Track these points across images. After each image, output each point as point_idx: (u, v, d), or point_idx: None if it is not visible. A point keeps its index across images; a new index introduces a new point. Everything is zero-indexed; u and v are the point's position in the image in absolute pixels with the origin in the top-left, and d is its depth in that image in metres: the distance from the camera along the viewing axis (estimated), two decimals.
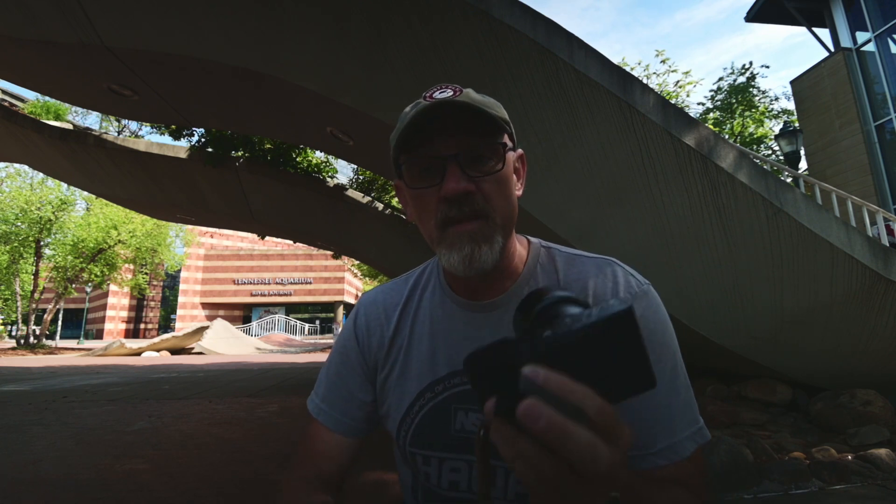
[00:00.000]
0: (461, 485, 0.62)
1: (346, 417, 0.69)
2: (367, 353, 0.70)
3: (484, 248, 0.55)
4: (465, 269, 0.56)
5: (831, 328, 3.61)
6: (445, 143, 0.55)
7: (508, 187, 0.58)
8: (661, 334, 0.59)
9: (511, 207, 0.59)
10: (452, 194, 0.54)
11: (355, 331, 0.72)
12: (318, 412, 0.70)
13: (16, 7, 4.00)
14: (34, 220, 18.97)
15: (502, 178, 0.57)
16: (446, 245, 0.56)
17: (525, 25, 3.18)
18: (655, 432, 0.55)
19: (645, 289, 0.62)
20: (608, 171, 3.53)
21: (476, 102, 0.55)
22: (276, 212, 9.12)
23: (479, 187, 0.56)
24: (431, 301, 0.69)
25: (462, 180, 0.54)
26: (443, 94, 0.56)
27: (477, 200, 0.55)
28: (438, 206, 0.56)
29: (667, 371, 0.58)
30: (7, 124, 7.12)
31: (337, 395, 0.70)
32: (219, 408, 5.43)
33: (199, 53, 4.16)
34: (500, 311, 0.63)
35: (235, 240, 47.61)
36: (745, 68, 13.79)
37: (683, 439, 0.56)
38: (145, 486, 2.81)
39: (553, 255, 0.67)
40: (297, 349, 20.77)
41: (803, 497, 2.57)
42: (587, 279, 0.63)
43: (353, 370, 0.71)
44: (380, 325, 0.70)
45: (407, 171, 0.58)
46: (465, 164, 0.55)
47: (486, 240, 0.56)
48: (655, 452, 0.55)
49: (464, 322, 0.65)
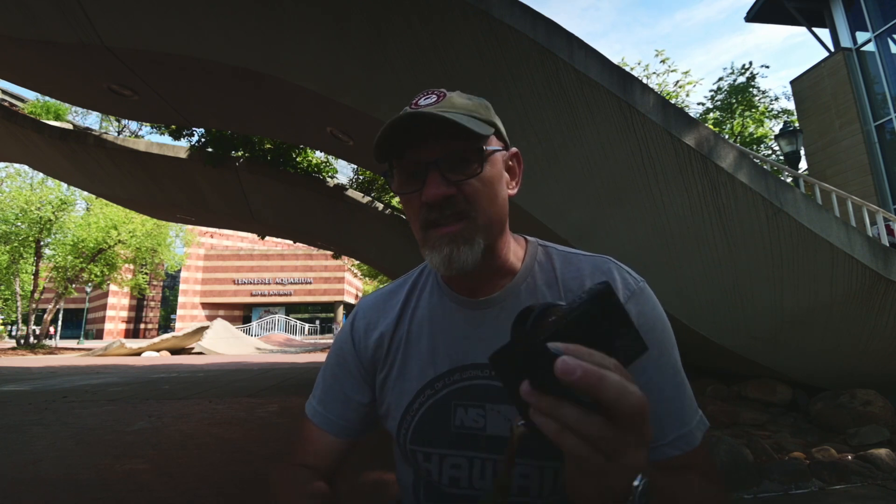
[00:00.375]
0: (462, 481, 0.63)
1: (340, 419, 0.70)
2: (364, 354, 0.71)
3: (463, 249, 0.57)
4: (446, 269, 0.58)
5: (831, 328, 3.60)
6: (428, 149, 0.57)
7: (493, 189, 0.60)
8: (662, 330, 0.61)
9: (497, 207, 0.60)
10: (432, 199, 0.56)
11: (352, 334, 0.73)
12: (312, 413, 0.72)
13: (16, 7, 4.00)
14: (34, 220, 18.98)
15: (485, 180, 0.59)
16: (429, 247, 0.59)
17: (525, 25, 3.18)
18: (666, 424, 0.57)
19: (641, 286, 0.63)
20: (608, 171, 3.53)
21: (458, 109, 0.57)
22: (276, 212, 9.13)
23: (461, 190, 0.57)
24: (430, 300, 0.70)
25: (441, 185, 0.56)
26: (427, 100, 0.59)
27: (458, 203, 0.57)
28: (421, 209, 0.58)
29: (671, 364, 0.59)
30: (7, 124, 7.12)
31: (332, 396, 0.72)
32: (219, 408, 5.43)
33: (199, 53, 4.16)
34: (498, 307, 0.65)
35: (235, 240, 47.61)
36: (744, 68, 13.80)
37: (693, 429, 0.58)
38: (145, 486, 2.81)
39: (550, 254, 0.68)
40: (297, 349, 20.77)
41: (803, 497, 2.57)
42: (584, 277, 0.64)
43: (348, 372, 0.72)
44: (378, 327, 0.71)
45: (395, 177, 0.61)
46: (445, 169, 0.57)
47: (465, 241, 0.57)
48: (668, 443, 0.57)
49: (462, 319, 0.66)
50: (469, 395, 0.63)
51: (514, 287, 0.65)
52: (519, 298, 0.64)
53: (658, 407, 0.57)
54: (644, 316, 0.60)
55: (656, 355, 0.59)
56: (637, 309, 0.60)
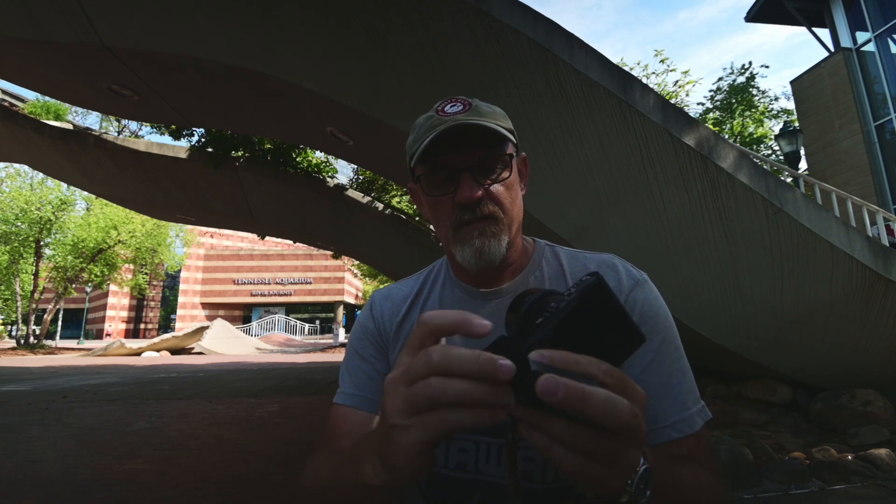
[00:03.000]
0: (469, 465, 0.64)
1: (376, 395, 0.69)
2: (384, 331, 0.74)
3: (492, 242, 0.63)
4: (477, 261, 0.64)
5: (831, 328, 3.60)
6: (460, 156, 0.63)
7: (514, 191, 0.66)
8: (664, 318, 0.64)
9: (517, 208, 0.67)
10: (466, 201, 0.62)
11: (372, 312, 0.76)
12: (345, 398, 0.70)
13: (16, 7, 4.00)
14: (34, 220, 18.98)
15: (509, 184, 0.65)
16: (460, 242, 0.64)
17: (525, 26, 3.18)
18: (666, 406, 0.60)
19: (644, 278, 0.67)
20: (608, 171, 3.53)
21: (485, 117, 0.62)
22: (276, 212, 9.13)
23: (488, 193, 0.63)
24: (442, 291, 0.74)
25: (474, 188, 0.62)
26: (454, 107, 0.63)
27: (486, 205, 0.63)
28: (453, 210, 0.64)
29: (672, 350, 0.63)
30: (7, 124, 7.12)
31: (364, 375, 0.72)
32: (219, 408, 5.43)
33: (199, 53, 4.15)
34: (508, 297, 0.68)
35: (235, 240, 47.59)
36: (744, 68, 13.80)
37: (693, 414, 0.61)
38: (145, 486, 2.81)
39: (557, 252, 0.73)
40: (297, 349, 20.76)
41: (803, 497, 2.57)
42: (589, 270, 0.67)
43: (375, 348, 0.74)
44: (392, 314, 0.74)
45: (425, 181, 0.66)
46: (476, 174, 0.63)
47: (493, 236, 0.63)
48: (669, 425, 0.59)
49: (472, 308, 0.69)
50: None
51: (523, 279, 0.70)
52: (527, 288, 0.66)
53: (660, 391, 0.60)
54: (648, 303, 0.64)
55: (659, 340, 0.62)
56: (642, 296, 0.64)
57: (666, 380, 0.61)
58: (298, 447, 3.69)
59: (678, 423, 0.59)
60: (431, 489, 0.67)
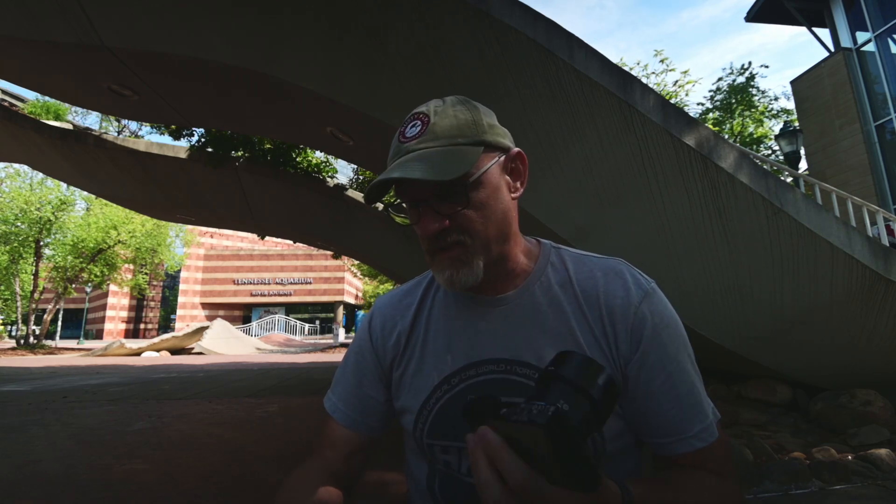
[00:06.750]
0: None
1: (359, 416, 0.73)
2: (382, 354, 0.73)
3: (463, 271, 0.61)
4: (450, 287, 0.63)
5: (831, 328, 3.61)
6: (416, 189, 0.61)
7: (487, 209, 0.61)
8: (675, 328, 0.64)
9: (495, 223, 0.62)
10: (427, 235, 0.61)
11: (370, 332, 0.75)
12: (333, 409, 0.74)
13: (16, 7, 4.00)
14: (34, 221, 18.95)
15: (477, 205, 0.61)
16: (435, 268, 0.64)
17: (525, 25, 3.18)
18: (691, 416, 0.60)
19: (653, 286, 0.66)
20: (608, 171, 3.53)
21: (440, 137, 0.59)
22: (276, 212, 9.12)
23: (454, 220, 0.60)
24: (445, 299, 0.73)
25: (434, 221, 0.60)
26: (413, 130, 0.61)
27: (452, 233, 0.61)
28: (421, 240, 0.63)
29: (688, 359, 0.63)
30: (7, 124, 7.12)
31: (352, 393, 0.74)
32: (219, 408, 5.43)
33: (199, 53, 4.15)
34: (513, 304, 0.68)
35: (235, 240, 47.59)
36: (743, 68, 13.81)
37: (713, 422, 0.61)
38: (145, 486, 2.81)
39: (562, 256, 0.71)
40: (297, 349, 20.76)
41: (803, 497, 2.57)
42: (596, 279, 0.67)
43: (367, 370, 0.74)
44: (395, 326, 0.74)
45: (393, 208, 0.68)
46: (436, 205, 0.60)
47: (464, 264, 0.61)
48: (694, 435, 0.59)
49: (477, 316, 0.68)
50: (485, 389, 0.65)
51: (528, 285, 0.68)
52: (533, 296, 0.67)
53: (685, 400, 0.60)
54: (659, 314, 0.63)
55: (673, 352, 0.61)
56: (650, 309, 0.63)
57: (683, 391, 0.60)
58: (298, 447, 3.69)
59: (702, 433, 0.59)
60: (444, 493, 0.68)
